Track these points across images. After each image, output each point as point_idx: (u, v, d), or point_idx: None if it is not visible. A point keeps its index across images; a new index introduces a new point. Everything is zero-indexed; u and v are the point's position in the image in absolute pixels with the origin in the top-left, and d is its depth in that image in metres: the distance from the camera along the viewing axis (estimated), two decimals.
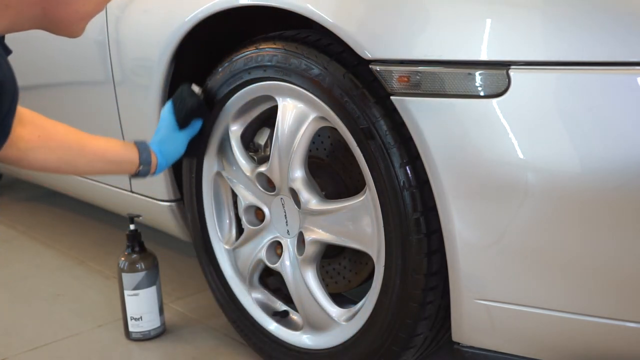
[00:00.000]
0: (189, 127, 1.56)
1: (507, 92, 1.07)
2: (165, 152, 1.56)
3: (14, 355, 1.78)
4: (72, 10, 1.05)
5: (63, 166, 1.47)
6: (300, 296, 1.51)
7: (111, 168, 1.54)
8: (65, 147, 1.45)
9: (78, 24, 1.09)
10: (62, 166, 1.47)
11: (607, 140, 1.02)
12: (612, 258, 1.05)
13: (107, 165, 1.52)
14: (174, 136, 1.56)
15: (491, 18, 1.10)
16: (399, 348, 1.34)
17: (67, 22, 1.08)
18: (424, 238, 1.24)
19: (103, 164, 1.52)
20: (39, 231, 2.73)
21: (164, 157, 1.56)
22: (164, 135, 1.56)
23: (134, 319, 1.78)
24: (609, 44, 1.02)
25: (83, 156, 1.48)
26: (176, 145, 1.57)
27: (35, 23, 1.06)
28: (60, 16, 1.05)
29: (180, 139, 1.57)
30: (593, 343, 1.12)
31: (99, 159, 1.50)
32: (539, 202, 1.08)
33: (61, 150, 1.45)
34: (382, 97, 1.23)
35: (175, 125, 1.55)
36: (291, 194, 1.47)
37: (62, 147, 1.45)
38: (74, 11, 1.05)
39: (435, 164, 1.16)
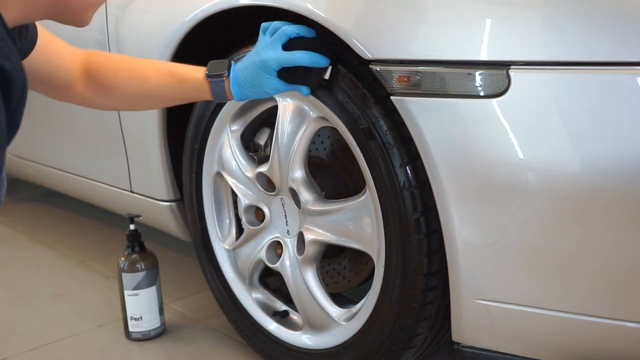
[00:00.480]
0: (290, 85, 1.31)
1: (507, 92, 1.07)
2: (244, 93, 1.34)
3: (14, 355, 1.78)
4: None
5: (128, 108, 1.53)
6: (300, 296, 1.51)
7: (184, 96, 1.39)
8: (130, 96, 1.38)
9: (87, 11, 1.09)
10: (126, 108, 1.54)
11: (606, 140, 1.02)
12: (611, 258, 1.05)
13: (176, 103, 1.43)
14: (265, 81, 1.30)
15: (491, 18, 1.10)
16: (399, 348, 1.34)
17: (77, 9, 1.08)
18: (424, 238, 1.24)
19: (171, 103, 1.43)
20: (39, 231, 2.73)
21: (241, 96, 1.34)
22: (253, 76, 1.31)
23: (134, 319, 1.78)
24: (608, 44, 1.02)
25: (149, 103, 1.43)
26: (261, 90, 1.32)
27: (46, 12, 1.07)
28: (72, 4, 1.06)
29: (271, 87, 1.30)
30: (593, 343, 1.12)
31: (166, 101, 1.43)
32: (538, 202, 1.08)
33: (127, 99, 1.39)
34: (382, 97, 1.23)
35: (274, 72, 1.28)
36: (291, 194, 1.47)
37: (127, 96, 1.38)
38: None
39: (435, 164, 1.16)
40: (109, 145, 1.98)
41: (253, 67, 1.30)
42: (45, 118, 2.29)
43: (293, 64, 1.27)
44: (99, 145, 2.07)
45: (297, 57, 1.26)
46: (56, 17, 1.09)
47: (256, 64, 1.29)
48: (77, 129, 2.16)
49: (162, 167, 1.78)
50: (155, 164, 1.79)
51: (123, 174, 1.97)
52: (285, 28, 1.29)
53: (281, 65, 1.27)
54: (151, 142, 1.77)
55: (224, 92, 1.33)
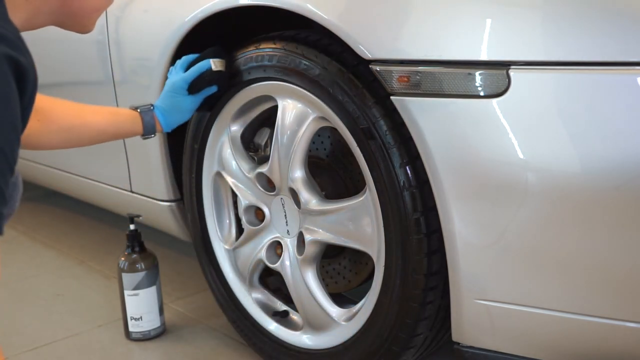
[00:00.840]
0: (200, 94, 1.50)
1: (507, 92, 1.07)
2: (170, 120, 1.51)
3: (14, 355, 1.78)
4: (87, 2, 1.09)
5: (67, 145, 1.47)
6: (300, 296, 1.51)
7: (116, 138, 1.54)
8: (66, 129, 1.44)
9: (90, 17, 1.12)
10: (66, 145, 1.47)
11: (606, 140, 1.02)
12: (611, 258, 1.05)
13: (111, 137, 1.52)
14: (181, 101, 1.50)
15: (491, 18, 1.10)
16: (399, 348, 1.34)
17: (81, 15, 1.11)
18: (424, 238, 1.24)
19: (107, 137, 1.51)
20: (39, 231, 2.73)
21: (168, 124, 1.52)
22: (171, 102, 1.51)
23: (134, 319, 1.78)
24: (608, 44, 1.02)
25: (86, 134, 1.47)
26: (182, 112, 1.52)
27: (51, 18, 1.09)
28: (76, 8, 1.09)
29: (188, 105, 1.51)
30: (593, 343, 1.12)
31: (102, 134, 1.49)
32: (538, 202, 1.08)
33: (63, 132, 1.44)
34: (382, 97, 1.23)
35: (184, 90, 1.49)
36: (291, 194, 1.47)
37: (64, 129, 1.43)
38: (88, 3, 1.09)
39: (435, 164, 1.16)
40: (109, 145, 1.97)
41: (168, 94, 1.50)
42: None
43: (196, 74, 1.47)
44: (99, 145, 2.06)
45: (195, 66, 1.48)
46: (60, 22, 1.11)
47: (169, 90, 1.50)
48: None
49: (162, 167, 1.78)
50: (155, 164, 1.79)
51: (123, 174, 1.97)
52: (187, 56, 1.52)
53: (188, 82, 1.48)
54: (151, 142, 1.77)
55: (153, 120, 1.50)
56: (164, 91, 1.51)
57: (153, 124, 1.50)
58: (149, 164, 1.82)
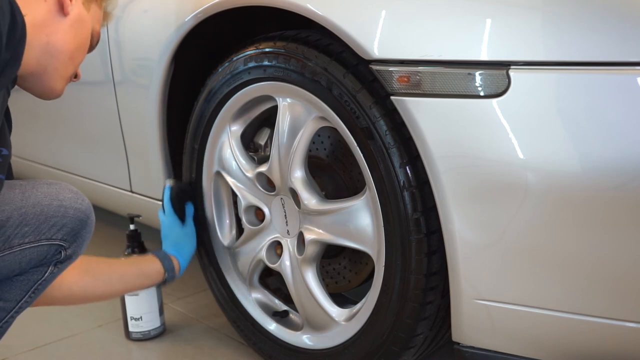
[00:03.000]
0: (187, 217, 1.66)
1: (507, 92, 1.07)
2: (182, 252, 1.64)
3: (14, 355, 1.78)
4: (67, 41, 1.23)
5: (99, 286, 1.53)
6: (300, 296, 1.51)
7: (143, 282, 1.62)
8: (95, 269, 1.52)
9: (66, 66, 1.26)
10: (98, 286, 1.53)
11: (606, 140, 1.02)
12: (611, 258, 1.05)
13: (138, 279, 1.60)
14: (182, 234, 1.65)
15: (491, 18, 1.10)
16: (399, 348, 1.34)
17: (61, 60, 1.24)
18: (424, 238, 1.24)
19: (134, 279, 1.59)
20: None
21: (183, 257, 1.64)
22: (175, 237, 1.65)
23: (134, 319, 1.78)
24: (608, 44, 1.02)
25: (114, 273, 1.56)
26: (188, 241, 1.66)
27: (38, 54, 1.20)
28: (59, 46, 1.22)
29: (189, 234, 1.66)
30: (592, 343, 1.12)
31: (127, 274, 1.58)
32: (538, 202, 1.08)
33: (93, 272, 1.51)
34: (382, 97, 1.23)
35: (178, 223, 1.65)
36: (291, 194, 1.47)
37: (93, 269, 1.51)
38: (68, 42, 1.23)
39: (435, 164, 1.16)
40: (109, 145, 1.98)
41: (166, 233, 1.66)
42: (46, 118, 2.29)
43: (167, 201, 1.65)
44: (99, 145, 2.07)
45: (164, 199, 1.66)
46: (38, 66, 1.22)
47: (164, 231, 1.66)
48: (77, 130, 2.16)
49: (162, 167, 1.78)
50: (155, 164, 1.79)
51: (123, 174, 1.97)
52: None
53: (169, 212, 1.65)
54: (151, 142, 1.77)
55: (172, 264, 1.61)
56: (162, 234, 1.67)
57: (169, 260, 1.61)
58: (149, 164, 1.82)
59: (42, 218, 1.24)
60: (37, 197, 1.25)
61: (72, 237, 1.28)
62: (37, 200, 1.24)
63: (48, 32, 1.21)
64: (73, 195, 1.28)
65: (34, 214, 1.23)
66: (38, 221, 1.24)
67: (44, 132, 2.34)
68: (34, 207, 1.23)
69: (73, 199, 1.28)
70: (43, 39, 1.20)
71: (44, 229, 1.24)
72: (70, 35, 1.24)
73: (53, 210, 1.25)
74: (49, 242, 1.26)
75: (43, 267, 1.29)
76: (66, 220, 1.27)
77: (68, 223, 1.27)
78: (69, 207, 1.27)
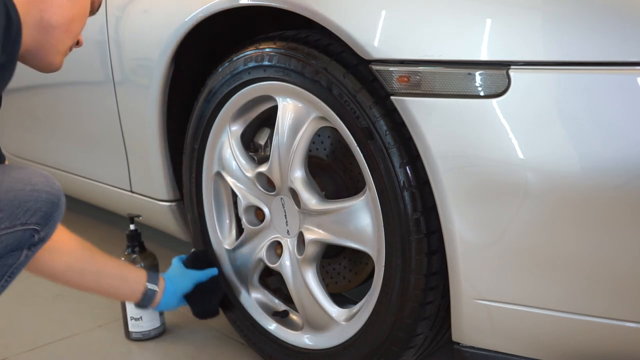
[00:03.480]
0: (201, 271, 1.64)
1: (507, 92, 1.07)
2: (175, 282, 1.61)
3: (14, 355, 1.78)
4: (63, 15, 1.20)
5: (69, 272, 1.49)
6: (300, 296, 1.51)
7: (119, 286, 1.57)
8: (76, 254, 1.48)
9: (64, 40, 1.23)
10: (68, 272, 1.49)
11: (606, 140, 1.02)
12: (611, 258, 1.05)
13: (114, 280, 1.55)
14: (183, 271, 1.64)
15: (491, 18, 1.10)
16: (399, 348, 1.34)
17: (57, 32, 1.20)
18: (424, 238, 1.24)
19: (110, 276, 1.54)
20: None
21: (173, 284, 1.61)
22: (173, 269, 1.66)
23: (134, 319, 1.78)
24: (608, 44, 1.02)
25: (92, 264, 1.51)
26: (185, 278, 1.63)
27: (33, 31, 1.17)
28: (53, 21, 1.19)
29: (190, 274, 1.63)
30: (593, 343, 1.12)
31: (107, 271, 1.54)
32: (538, 202, 1.08)
33: (71, 256, 1.47)
34: (382, 97, 1.23)
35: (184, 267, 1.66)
36: (291, 194, 1.47)
37: (73, 253, 1.47)
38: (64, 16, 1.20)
39: (435, 164, 1.16)
40: (109, 145, 1.98)
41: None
42: (46, 118, 2.29)
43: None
44: (99, 145, 2.07)
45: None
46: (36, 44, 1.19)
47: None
48: (77, 129, 2.16)
49: (162, 167, 1.78)
50: (155, 164, 1.79)
51: (123, 174, 1.97)
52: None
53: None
54: (151, 142, 1.77)
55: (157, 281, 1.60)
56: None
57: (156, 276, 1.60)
58: (149, 164, 1.82)
59: (16, 203, 1.22)
60: (9, 182, 1.23)
61: (45, 220, 1.28)
62: (10, 186, 1.23)
63: (42, 7, 1.18)
64: (44, 179, 1.27)
65: (8, 199, 1.22)
66: (12, 206, 1.22)
67: (44, 132, 2.34)
68: (7, 193, 1.22)
69: (45, 182, 1.27)
70: (36, 15, 1.18)
71: (19, 214, 1.23)
72: (65, 9, 1.21)
73: (26, 195, 1.23)
74: (23, 227, 1.26)
75: (18, 251, 1.28)
76: (39, 204, 1.26)
77: (42, 207, 1.27)
78: (42, 191, 1.26)
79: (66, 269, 1.48)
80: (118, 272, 1.56)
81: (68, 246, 1.47)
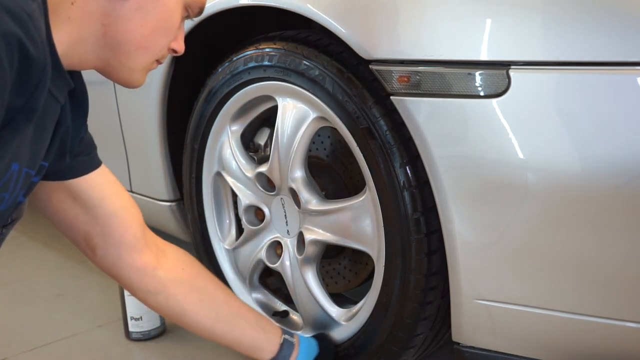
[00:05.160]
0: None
1: (507, 92, 1.07)
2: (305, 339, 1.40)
3: (14, 355, 1.78)
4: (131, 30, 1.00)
5: (202, 313, 1.28)
6: (300, 296, 1.51)
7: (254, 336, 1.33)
8: (210, 292, 1.30)
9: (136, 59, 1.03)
10: (201, 312, 1.28)
11: (607, 140, 1.02)
12: (611, 258, 1.05)
13: (248, 327, 1.33)
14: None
15: (491, 18, 1.10)
16: (399, 348, 1.34)
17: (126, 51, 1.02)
18: (424, 238, 1.24)
19: (245, 323, 1.32)
20: (39, 231, 2.72)
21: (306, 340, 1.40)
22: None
23: (134, 319, 1.78)
24: (609, 44, 1.02)
25: (227, 307, 1.31)
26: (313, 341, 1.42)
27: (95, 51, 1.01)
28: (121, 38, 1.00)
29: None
30: (593, 343, 1.12)
31: (242, 315, 1.33)
32: (538, 202, 1.08)
33: (206, 293, 1.29)
34: (382, 97, 1.23)
35: None
36: (291, 194, 1.47)
37: (207, 291, 1.29)
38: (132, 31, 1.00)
39: (435, 164, 1.16)
40: (108, 145, 1.98)
41: None
42: None
43: None
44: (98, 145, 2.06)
45: None
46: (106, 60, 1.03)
47: None
48: None
49: (162, 167, 1.78)
50: (155, 164, 1.79)
51: (123, 174, 1.97)
52: None
53: None
54: (151, 142, 1.77)
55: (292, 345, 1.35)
56: None
57: (291, 337, 1.37)
58: (149, 164, 1.82)
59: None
60: None
61: None
62: None
63: (104, 22, 0.98)
64: None
65: None
66: None
67: None
68: None
69: None
70: (97, 31, 0.99)
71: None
72: (135, 23, 1.00)
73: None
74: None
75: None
76: None
77: None
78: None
79: (198, 306, 1.28)
80: (253, 317, 1.35)
81: (203, 281, 1.31)
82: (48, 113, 0.98)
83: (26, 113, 0.90)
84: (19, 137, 0.92)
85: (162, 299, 1.25)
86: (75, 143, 1.12)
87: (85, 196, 1.18)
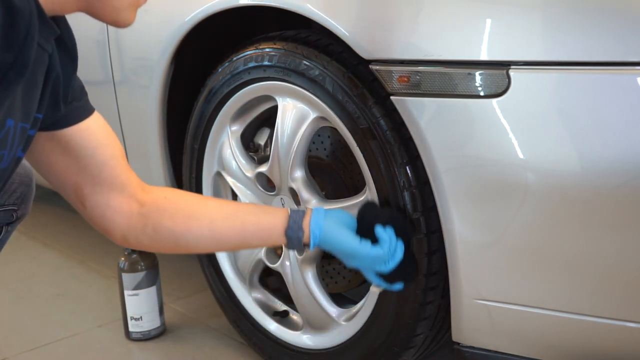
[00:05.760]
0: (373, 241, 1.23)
1: (507, 92, 1.07)
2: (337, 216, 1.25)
3: (14, 355, 1.78)
4: None
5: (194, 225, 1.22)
6: (300, 296, 1.51)
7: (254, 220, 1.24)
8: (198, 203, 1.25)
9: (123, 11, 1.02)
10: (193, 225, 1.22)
11: (607, 140, 1.02)
12: (611, 258, 1.05)
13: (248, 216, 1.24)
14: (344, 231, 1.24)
15: (491, 18, 1.10)
16: (399, 348, 1.34)
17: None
18: (424, 238, 1.24)
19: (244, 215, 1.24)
20: (39, 231, 2.73)
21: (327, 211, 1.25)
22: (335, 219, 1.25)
23: (134, 319, 1.78)
24: (608, 44, 1.02)
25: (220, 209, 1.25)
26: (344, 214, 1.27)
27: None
28: None
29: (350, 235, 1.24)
30: (593, 343, 1.12)
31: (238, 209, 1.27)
32: (538, 202, 1.08)
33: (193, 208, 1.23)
34: (382, 97, 1.23)
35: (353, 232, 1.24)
36: (291, 194, 1.47)
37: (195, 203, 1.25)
38: None
39: (435, 164, 1.16)
40: None
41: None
42: None
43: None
44: None
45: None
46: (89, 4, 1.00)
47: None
48: None
49: (162, 167, 1.78)
50: (155, 164, 1.79)
51: None
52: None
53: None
54: (151, 142, 1.77)
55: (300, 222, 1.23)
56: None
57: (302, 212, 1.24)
58: (149, 164, 1.82)
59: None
60: None
61: (21, 200, 1.32)
62: None
63: None
64: None
65: None
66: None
67: None
68: None
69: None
70: None
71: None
72: None
73: None
74: (2, 208, 1.30)
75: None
76: (14, 186, 1.30)
77: (17, 189, 1.31)
78: (16, 174, 1.28)
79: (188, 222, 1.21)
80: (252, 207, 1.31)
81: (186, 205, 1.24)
82: (38, 64, 0.96)
83: (18, 69, 0.88)
84: (12, 95, 0.91)
85: (151, 232, 1.20)
86: (68, 91, 1.09)
87: (78, 146, 1.15)
